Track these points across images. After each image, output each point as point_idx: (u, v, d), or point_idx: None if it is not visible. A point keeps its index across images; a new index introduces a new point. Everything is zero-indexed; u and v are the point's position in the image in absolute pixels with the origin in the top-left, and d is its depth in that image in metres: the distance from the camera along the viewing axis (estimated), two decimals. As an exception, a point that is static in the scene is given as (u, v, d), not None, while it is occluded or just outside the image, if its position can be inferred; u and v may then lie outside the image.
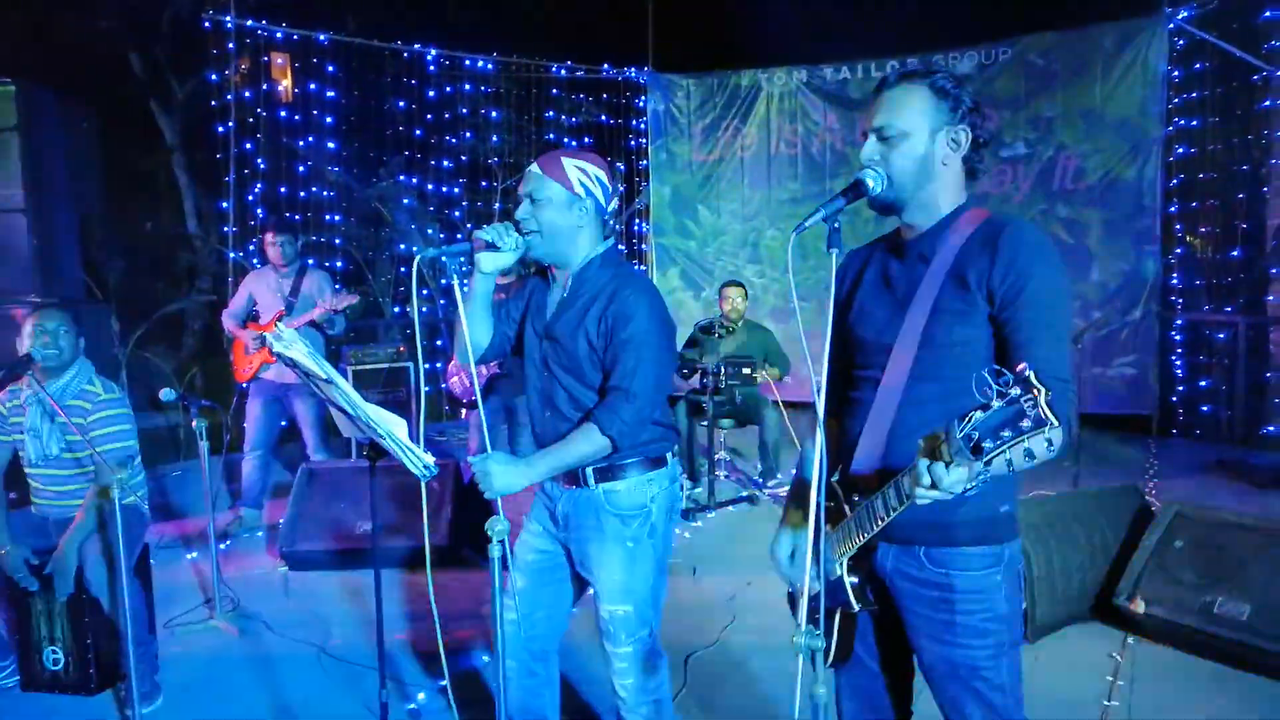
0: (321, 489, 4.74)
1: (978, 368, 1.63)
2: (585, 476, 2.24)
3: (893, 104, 1.70)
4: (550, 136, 8.88)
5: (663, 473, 2.28)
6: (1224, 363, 7.15)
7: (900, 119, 1.69)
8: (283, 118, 7.92)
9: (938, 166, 1.71)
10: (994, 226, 1.68)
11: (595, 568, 2.27)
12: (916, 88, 1.69)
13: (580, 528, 2.28)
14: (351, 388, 1.69)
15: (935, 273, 1.69)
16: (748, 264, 8.74)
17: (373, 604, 3.95)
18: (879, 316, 1.78)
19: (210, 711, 3.19)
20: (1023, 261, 1.60)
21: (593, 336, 2.18)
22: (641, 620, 2.27)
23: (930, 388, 1.68)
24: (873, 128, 1.71)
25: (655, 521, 2.26)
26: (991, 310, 1.64)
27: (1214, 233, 7.39)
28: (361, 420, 1.75)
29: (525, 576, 2.37)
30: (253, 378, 5.20)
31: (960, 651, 1.70)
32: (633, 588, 2.25)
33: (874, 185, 1.69)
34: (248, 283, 5.30)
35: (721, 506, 5.53)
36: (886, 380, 1.72)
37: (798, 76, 8.46)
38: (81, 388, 3.26)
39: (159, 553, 4.70)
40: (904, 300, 1.73)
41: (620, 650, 2.28)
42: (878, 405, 1.73)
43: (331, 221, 8.65)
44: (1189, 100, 7.04)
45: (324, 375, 1.67)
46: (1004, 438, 1.24)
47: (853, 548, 1.70)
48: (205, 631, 3.85)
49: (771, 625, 3.78)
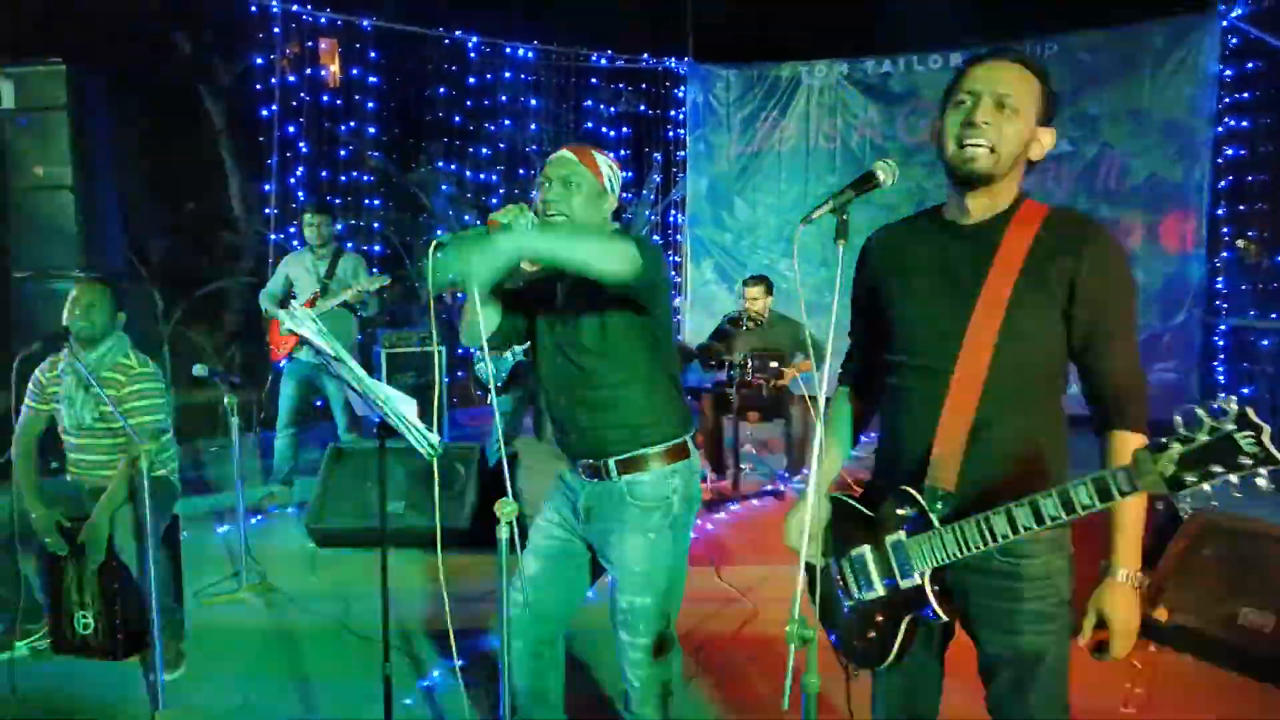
0: (348, 468, 4.82)
1: (1049, 363, 1.67)
2: (609, 469, 2.24)
3: (1013, 80, 1.64)
4: (589, 126, 8.90)
5: (685, 464, 2.29)
6: (1268, 370, 6.98)
7: (1019, 93, 1.63)
8: (325, 102, 8.02)
9: (1024, 159, 1.68)
10: (1071, 222, 1.67)
11: (616, 558, 2.28)
12: (1029, 72, 1.65)
13: (602, 519, 2.29)
14: (359, 366, 1.72)
15: (1008, 263, 1.64)
16: (782, 257, 8.69)
17: (396, 582, 4.03)
18: (938, 302, 1.72)
19: (232, 681, 3.26)
20: (1110, 263, 1.63)
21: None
22: (660, 612, 2.27)
23: (1010, 383, 1.65)
24: (993, 92, 1.63)
25: (677, 513, 2.27)
26: (1067, 307, 1.63)
27: (1262, 236, 7.22)
28: (372, 399, 1.79)
29: (538, 561, 2.38)
30: (287, 357, 5.30)
31: (1028, 639, 1.69)
32: (653, 579, 2.25)
33: (884, 178, 1.65)
34: (285, 264, 5.41)
35: (746, 499, 5.52)
36: (961, 373, 1.66)
37: (838, 69, 8.38)
38: (116, 360, 3.35)
39: (191, 525, 4.81)
40: (972, 287, 1.67)
41: (638, 641, 2.27)
42: (953, 400, 1.67)
43: (371, 206, 8.76)
44: (1240, 100, 6.87)
45: (333, 353, 1.70)
46: (1214, 473, 1.24)
47: (948, 559, 1.65)
48: (232, 603, 3.94)
49: (787, 620, 3.78)
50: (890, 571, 1.73)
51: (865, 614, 1.79)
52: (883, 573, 1.75)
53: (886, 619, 1.75)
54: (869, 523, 1.78)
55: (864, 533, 1.78)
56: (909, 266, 1.78)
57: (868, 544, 1.77)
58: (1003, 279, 1.64)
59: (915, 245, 1.80)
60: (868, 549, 1.77)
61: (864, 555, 1.77)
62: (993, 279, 1.65)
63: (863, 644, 1.80)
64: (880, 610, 1.76)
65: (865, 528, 1.78)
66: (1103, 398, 1.68)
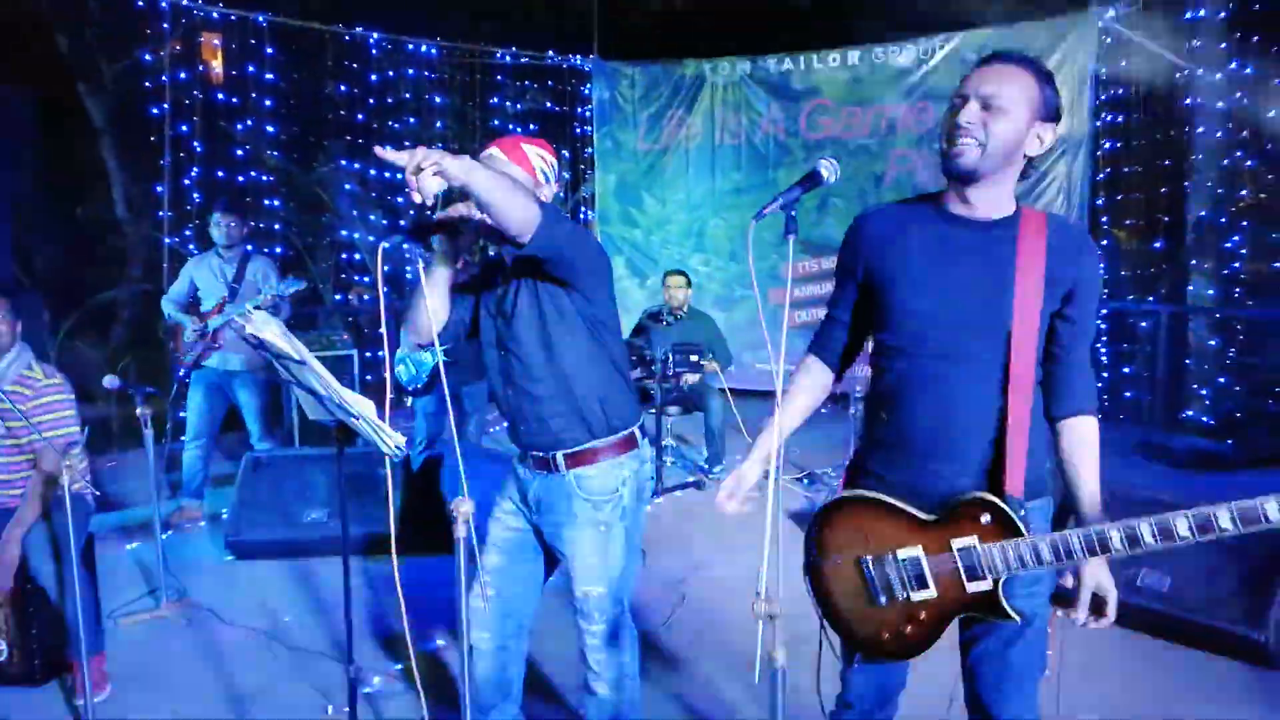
0: (267, 478, 4.69)
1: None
2: (556, 462, 2.27)
3: (1002, 78, 1.69)
4: (494, 123, 8.83)
5: (633, 454, 2.33)
6: (1146, 350, 7.46)
7: (1007, 93, 1.68)
8: (219, 100, 7.74)
9: (1019, 154, 1.74)
10: (1072, 232, 1.80)
11: (568, 551, 2.33)
12: (1024, 72, 1.70)
13: (552, 511, 2.33)
14: (323, 367, 1.71)
15: (1033, 268, 1.72)
16: (693, 253, 8.82)
17: (320, 591, 3.97)
18: (960, 293, 1.75)
19: (161, 700, 3.16)
20: (1095, 270, 1.79)
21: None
22: (614, 599, 2.34)
23: (1033, 380, 1.76)
24: (978, 93, 1.69)
25: (626, 505, 2.31)
26: (1059, 309, 1.76)
27: (1138, 225, 7.69)
28: (333, 401, 1.77)
29: (500, 554, 2.41)
30: (195, 366, 5.11)
31: (1024, 602, 1.76)
32: (605, 569, 2.31)
33: (827, 175, 1.71)
34: (189, 268, 5.20)
35: (669, 491, 5.61)
36: (1016, 369, 1.71)
37: (741, 67, 8.55)
38: (20, 372, 3.19)
39: (97, 543, 4.60)
40: (999, 282, 1.73)
41: (594, 628, 2.35)
42: (1014, 401, 1.72)
43: (271, 207, 8.49)
44: (1115, 97, 7.30)
45: (298, 357, 1.68)
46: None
47: (1037, 567, 1.67)
48: (152, 621, 3.80)
49: (718, 605, 3.88)
50: (953, 573, 1.74)
51: (905, 612, 1.79)
52: (942, 575, 1.75)
53: (932, 616, 1.77)
54: (922, 525, 1.77)
55: (916, 534, 1.77)
56: (911, 252, 1.80)
57: (920, 545, 1.76)
58: (1033, 279, 1.72)
59: (916, 232, 1.81)
60: (921, 551, 1.76)
61: (918, 558, 1.76)
62: (1027, 280, 1.72)
63: (894, 640, 1.81)
64: (926, 608, 1.77)
65: (918, 529, 1.77)
66: (1069, 387, 1.81)
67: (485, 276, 2.40)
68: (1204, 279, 7.14)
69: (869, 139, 8.20)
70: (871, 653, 1.87)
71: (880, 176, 8.16)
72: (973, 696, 1.92)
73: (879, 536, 1.80)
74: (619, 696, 2.38)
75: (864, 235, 1.89)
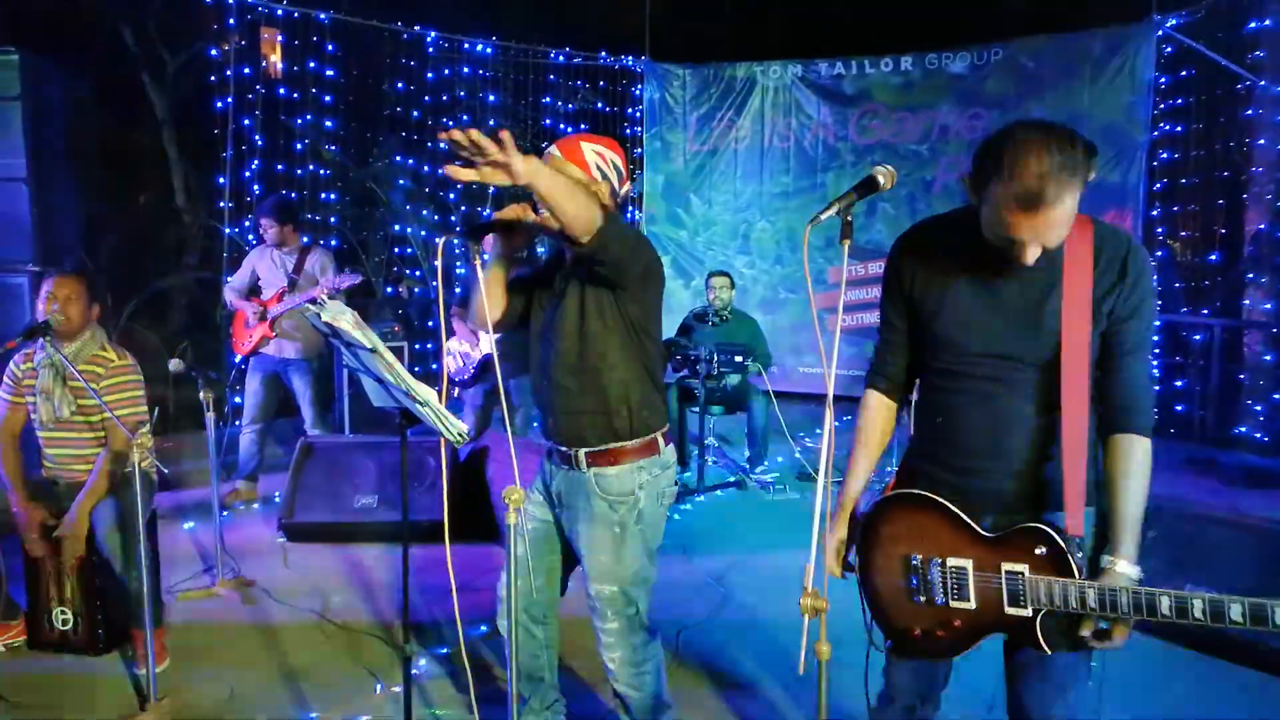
0: (319, 463, 4.82)
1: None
2: (578, 459, 2.33)
3: (1058, 220, 1.61)
4: (546, 122, 8.94)
5: (655, 460, 2.36)
6: (1199, 364, 7.34)
7: (1064, 220, 1.62)
8: (280, 94, 7.93)
9: None
10: (1116, 244, 1.73)
11: (583, 547, 2.37)
12: (1076, 181, 1.59)
13: (571, 507, 2.39)
14: (393, 356, 1.79)
15: (1080, 289, 1.70)
16: (738, 255, 8.85)
17: (368, 575, 4.07)
18: (1005, 316, 1.76)
19: (216, 673, 3.27)
20: (1145, 285, 1.73)
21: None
22: (627, 600, 2.36)
23: (1090, 400, 1.75)
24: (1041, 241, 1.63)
25: (643, 508, 2.33)
26: (1107, 324, 1.74)
27: (1193, 237, 7.57)
28: (400, 389, 1.85)
29: (523, 542, 2.46)
30: (252, 352, 5.27)
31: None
32: (618, 570, 2.33)
33: (884, 182, 1.71)
34: (251, 258, 5.37)
35: (710, 490, 5.65)
36: (1069, 404, 1.71)
37: (792, 70, 8.56)
38: (94, 353, 3.33)
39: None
40: (1046, 311, 1.73)
41: (606, 626, 2.38)
42: (1069, 433, 1.72)
43: (326, 200, 8.67)
44: (1174, 106, 7.19)
45: (369, 345, 1.76)
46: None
47: (1078, 611, 1.68)
48: (208, 598, 3.94)
49: (758, 603, 3.92)
50: (996, 594, 1.75)
51: (940, 616, 1.82)
52: (984, 591, 1.77)
53: (965, 627, 1.80)
54: (979, 540, 1.78)
55: (971, 547, 1.79)
56: (954, 288, 1.81)
57: (972, 558, 1.78)
58: (1076, 302, 1.70)
59: (959, 263, 1.80)
60: (971, 565, 1.78)
61: (966, 570, 1.78)
62: (1068, 306, 1.71)
63: (925, 639, 1.86)
64: (962, 618, 1.80)
65: (973, 542, 1.78)
66: (1118, 404, 1.76)
67: (546, 269, 2.47)
68: (1260, 293, 7.00)
69: (920, 145, 8.17)
70: (900, 644, 1.91)
71: (930, 182, 8.13)
72: (1015, 701, 1.93)
73: (935, 540, 1.82)
74: (639, 695, 2.42)
75: (906, 263, 1.89)
